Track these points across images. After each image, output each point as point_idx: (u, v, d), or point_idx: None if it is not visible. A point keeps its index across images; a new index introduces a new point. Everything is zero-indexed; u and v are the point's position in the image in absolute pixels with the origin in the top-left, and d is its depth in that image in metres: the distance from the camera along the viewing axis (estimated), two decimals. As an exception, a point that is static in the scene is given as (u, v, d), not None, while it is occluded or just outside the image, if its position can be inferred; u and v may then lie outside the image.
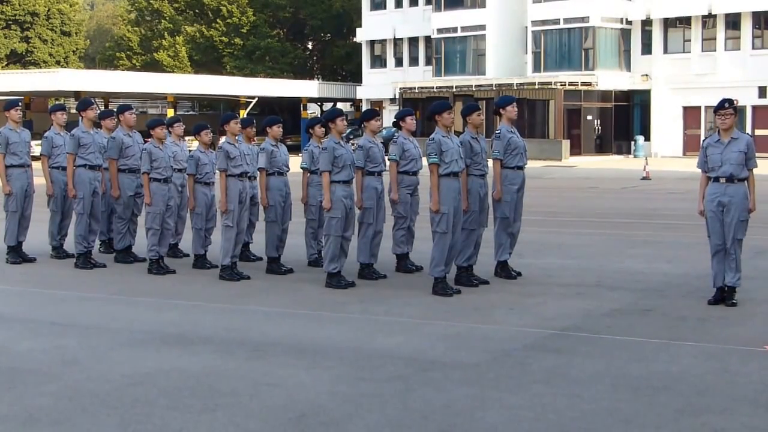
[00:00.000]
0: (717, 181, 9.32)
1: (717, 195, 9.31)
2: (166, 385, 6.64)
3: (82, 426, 5.79)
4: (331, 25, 64.33)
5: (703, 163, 9.44)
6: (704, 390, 6.45)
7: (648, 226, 16.73)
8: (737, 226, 9.27)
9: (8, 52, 66.54)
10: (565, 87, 45.27)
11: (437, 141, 9.98)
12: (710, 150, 9.36)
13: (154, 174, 11.69)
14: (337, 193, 10.39)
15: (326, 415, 5.95)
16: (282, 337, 8.16)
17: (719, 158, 9.27)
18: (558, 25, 46.96)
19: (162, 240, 11.73)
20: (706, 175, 9.44)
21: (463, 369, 7.01)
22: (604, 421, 5.80)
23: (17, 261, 12.45)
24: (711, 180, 9.38)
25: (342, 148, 10.46)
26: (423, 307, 9.40)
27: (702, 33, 44.92)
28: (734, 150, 9.24)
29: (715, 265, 9.39)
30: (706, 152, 9.39)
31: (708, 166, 9.39)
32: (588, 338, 8.04)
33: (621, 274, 11.26)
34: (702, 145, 9.54)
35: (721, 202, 9.27)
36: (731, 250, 9.29)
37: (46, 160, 12.57)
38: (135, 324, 8.75)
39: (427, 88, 50.03)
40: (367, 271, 10.99)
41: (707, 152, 9.38)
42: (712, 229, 9.37)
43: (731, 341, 7.87)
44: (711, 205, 9.35)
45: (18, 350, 7.74)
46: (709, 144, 9.42)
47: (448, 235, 9.98)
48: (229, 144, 11.10)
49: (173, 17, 65.14)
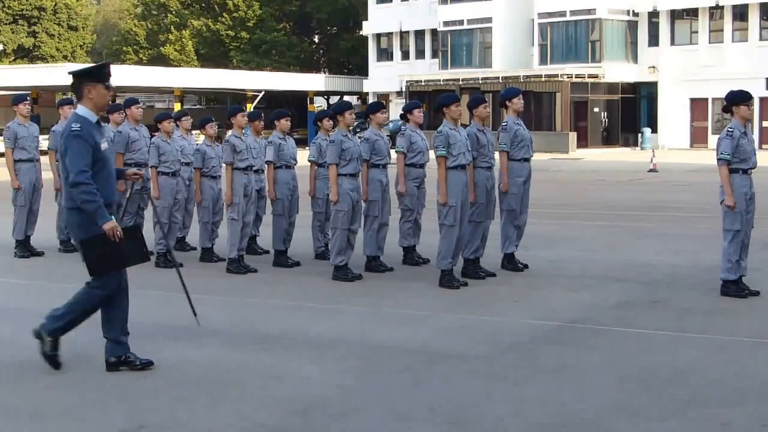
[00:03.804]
0: (746, 172, 9.21)
1: (747, 187, 9.23)
2: (173, 377, 6.65)
3: (89, 419, 5.81)
4: (337, 18, 64.26)
5: (733, 154, 9.16)
6: (711, 382, 6.45)
7: (655, 218, 16.70)
8: (752, 216, 9.33)
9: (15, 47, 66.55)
10: (571, 79, 45.19)
11: (445, 133, 9.97)
12: (742, 140, 9.16)
13: (162, 168, 11.71)
14: (344, 186, 10.39)
15: (333, 407, 5.96)
16: (289, 329, 8.17)
17: (750, 149, 9.20)
18: (564, 17, 46.85)
19: (169, 233, 11.74)
20: (730, 167, 9.16)
21: (469, 361, 7.01)
22: (611, 413, 5.80)
23: (25, 255, 12.49)
24: (739, 172, 9.18)
25: (349, 141, 10.46)
26: (430, 300, 9.41)
27: (709, 24, 44.79)
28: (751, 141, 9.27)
29: (737, 259, 9.23)
30: (738, 143, 9.15)
31: (738, 158, 9.17)
32: (595, 330, 8.04)
33: (628, 266, 11.25)
34: (731, 135, 9.15)
35: (749, 193, 9.26)
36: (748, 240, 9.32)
37: (53, 154, 12.58)
38: (142, 317, 8.75)
39: (433, 81, 49.96)
40: (374, 264, 10.99)
41: (739, 143, 9.15)
42: (743, 222, 9.24)
43: (738, 333, 7.86)
44: (743, 198, 9.20)
45: (25, 344, 7.74)
46: (740, 135, 9.18)
47: (455, 227, 9.97)
48: (235, 137, 11.11)
49: (180, 11, 65.16)
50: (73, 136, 6.54)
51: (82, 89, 6.69)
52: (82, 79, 6.72)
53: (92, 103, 6.70)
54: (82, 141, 6.54)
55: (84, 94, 6.70)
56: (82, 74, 6.77)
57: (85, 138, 6.54)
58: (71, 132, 6.55)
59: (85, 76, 6.75)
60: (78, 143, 6.53)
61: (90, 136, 6.57)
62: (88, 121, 6.65)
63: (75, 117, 6.67)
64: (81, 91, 6.70)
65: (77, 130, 6.55)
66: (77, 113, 6.69)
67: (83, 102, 6.70)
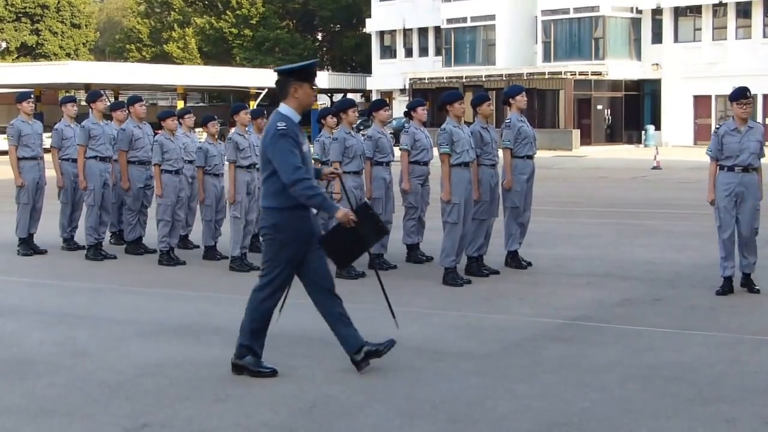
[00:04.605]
0: (732, 170, 9.23)
1: (732, 185, 9.21)
2: (176, 375, 6.65)
3: (93, 417, 5.81)
4: (340, 15, 64.24)
5: (718, 151, 9.28)
6: (715, 379, 6.44)
7: (658, 215, 16.69)
8: (753, 216, 9.25)
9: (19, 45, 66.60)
10: (575, 77, 45.15)
11: (449, 131, 9.97)
12: (727, 138, 9.22)
13: (166, 165, 11.70)
14: (348, 184, 10.38)
15: (336, 405, 5.96)
16: (292, 327, 8.16)
17: (737, 147, 9.17)
18: (568, 14, 46.81)
19: (172, 231, 11.75)
20: (717, 164, 9.35)
21: (473, 359, 7.01)
22: (615, 410, 5.79)
23: (28, 253, 12.49)
24: (725, 169, 9.29)
25: (353, 139, 10.46)
26: (433, 297, 9.40)
27: (713, 21, 44.73)
28: (752, 139, 9.18)
29: (725, 256, 9.35)
30: (722, 140, 9.25)
31: (724, 155, 9.28)
32: (598, 328, 8.03)
33: (631, 264, 11.24)
34: (716, 132, 9.37)
35: (737, 192, 9.21)
36: (748, 239, 9.25)
37: (56, 152, 12.58)
38: (145, 315, 8.77)
39: (437, 78, 49.94)
40: (377, 262, 10.98)
41: (723, 140, 9.24)
42: (723, 220, 9.29)
43: (742, 330, 7.85)
44: (724, 195, 9.24)
45: (29, 342, 7.77)
46: (726, 132, 9.27)
47: (459, 225, 9.97)
48: (238, 135, 11.11)
49: (183, 9, 65.19)
50: (280, 135, 6.33)
51: (288, 87, 6.47)
52: (289, 78, 6.50)
53: (297, 102, 6.48)
54: (289, 139, 6.33)
55: (290, 93, 6.47)
56: (289, 72, 6.55)
57: (291, 136, 6.35)
58: (277, 131, 6.34)
59: (293, 74, 6.52)
60: (286, 142, 6.32)
61: (295, 134, 6.38)
62: (292, 120, 6.44)
63: (279, 116, 6.45)
64: (287, 90, 6.48)
65: (283, 129, 6.34)
66: (281, 112, 6.47)
67: (288, 101, 6.48)
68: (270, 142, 6.39)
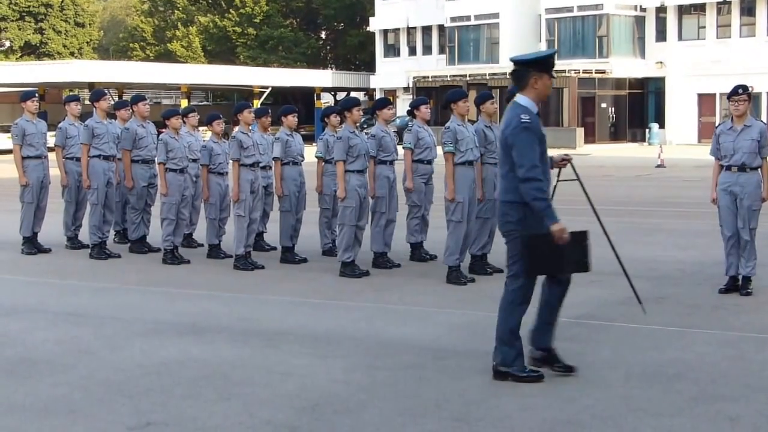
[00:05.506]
0: (729, 169, 9.24)
1: (729, 184, 9.21)
2: (180, 374, 6.66)
3: (97, 416, 5.82)
4: (344, 14, 64.21)
5: (716, 150, 9.33)
6: (719, 378, 6.44)
7: (662, 213, 16.68)
8: (750, 216, 9.18)
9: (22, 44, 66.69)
10: (579, 75, 45.14)
11: (453, 129, 9.97)
12: (723, 137, 9.25)
13: (170, 164, 11.72)
14: (352, 183, 10.38)
15: (340, 403, 5.96)
16: (296, 326, 8.17)
17: (731, 146, 9.17)
18: (572, 12, 46.80)
19: (177, 230, 11.76)
20: (719, 163, 9.36)
21: (476, 357, 7.00)
22: (619, 408, 5.79)
23: (32, 252, 12.50)
24: (723, 168, 9.30)
25: (357, 138, 10.45)
26: (437, 296, 9.40)
27: (717, 19, 44.71)
28: (746, 138, 9.12)
29: (727, 254, 9.34)
30: (719, 139, 9.29)
31: (720, 154, 9.30)
32: (602, 326, 8.04)
33: (635, 262, 11.18)
34: (715, 132, 9.44)
35: (733, 191, 9.19)
36: (745, 239, 9.22)
37: (60, 150, 12.59)
38: (149, 314, 8.78)
39: (440, 76, 49.95)
40: (381, 260, 10.99)
41: (720, 140, 9.28)
42: (723, 218, 9.29)
43: (745, 329, 7.85)
44: (723, 194, 9.25)
45: (33, 341, 7.78)
46: (722, 131, 9.30)
47: (462, 223, 9.97)
48: (242, 133, 11.12)
49: (186, 7, 65.20)
50: (523, 128, 6.16)
51: (528, 78, 6.26)
52: (529, 68, 6.29)
53: (535, 93, 6.29)
54: (531, 133, 6.17)
55: (529, 84, 6.26)
56: (530, 63, 6.32)
57: (534, 130, 6.19)
58: (521, 123, 6.16)
59: (533, 64, 6.30)
60: (529, 136, 6.16)
61: (537, 128, 6.22)
62: (533, 112, 6.25)
63: (521, 108, 6.24)
64: (526, 80, 6.27)
65: (527, 122, 6.16)
66: (520, 104, 6.28)
67: (526, 92, 6.29)
68: (512, 133, 6.20)
